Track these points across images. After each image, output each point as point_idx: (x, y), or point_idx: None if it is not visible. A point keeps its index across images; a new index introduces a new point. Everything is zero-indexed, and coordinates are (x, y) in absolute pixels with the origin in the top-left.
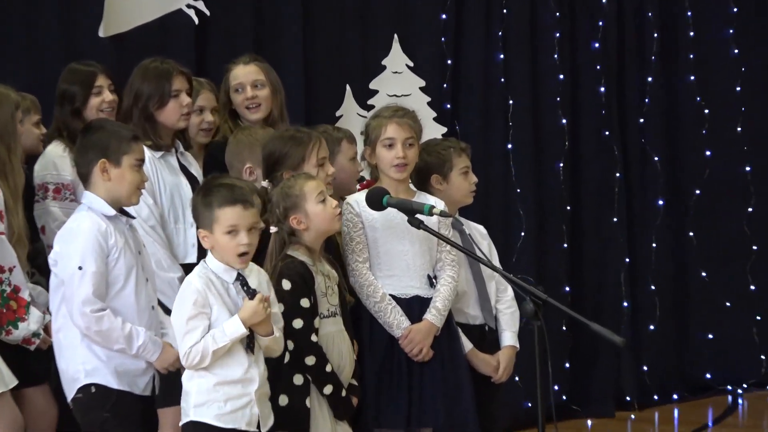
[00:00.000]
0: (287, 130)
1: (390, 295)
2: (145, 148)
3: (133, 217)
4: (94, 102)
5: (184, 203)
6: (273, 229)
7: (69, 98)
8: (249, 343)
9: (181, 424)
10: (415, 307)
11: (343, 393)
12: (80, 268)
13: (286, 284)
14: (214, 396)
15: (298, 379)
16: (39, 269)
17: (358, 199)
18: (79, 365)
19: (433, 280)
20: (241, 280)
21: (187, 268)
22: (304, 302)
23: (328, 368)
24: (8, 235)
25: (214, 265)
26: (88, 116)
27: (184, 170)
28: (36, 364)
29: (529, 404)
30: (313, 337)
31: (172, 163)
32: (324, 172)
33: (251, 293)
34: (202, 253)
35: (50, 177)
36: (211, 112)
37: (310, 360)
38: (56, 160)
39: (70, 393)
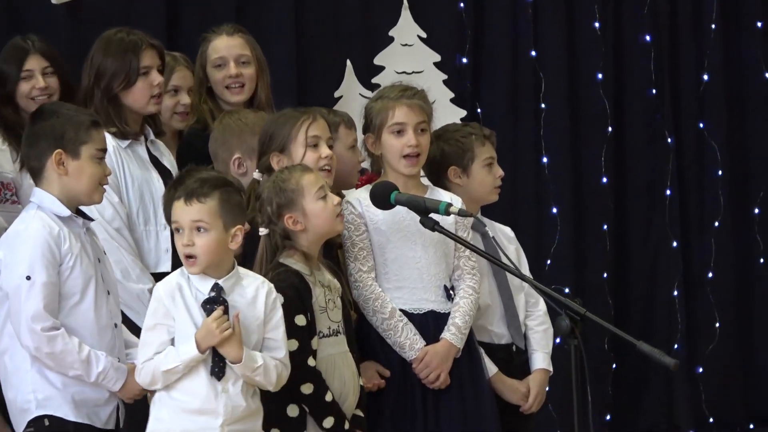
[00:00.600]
0: (285, 109)
1: (400, 310)
2: (109, 137)
3: (92, 219)
4: (23, 88)
5: (155, 201)
6: (263, 231)
7: (2, 80)
8: (215, 367)
9: None
10: (430, 324)
11: (347, 426)
12: (28, 278)
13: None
14: (171, 426)
15: (292, 411)
16: None
17: (360, 197)
18: (30, 394)
19: (451, 292)
20: (216, 290)
21: (160, 278)
22: (299, 320)
23: (328, 397)
24: None
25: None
26: (21, 105)
27: (156, 162)
28: None
29: None
30: (310, 361)
31: (141, 154)
32: (316, 153)
33: (209, 309)
34: (176, 260)
35: None
36: (187, 92)
37: (306, 388)
38: None
39: (19, 427)
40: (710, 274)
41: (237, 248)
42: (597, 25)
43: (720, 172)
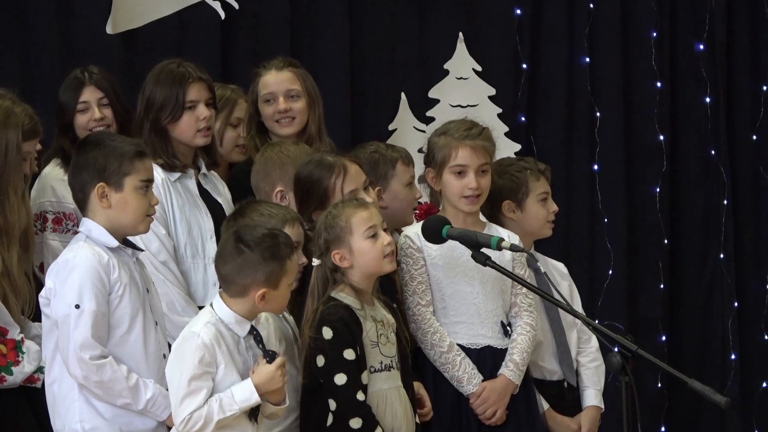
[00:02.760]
0: (316, 154)
1: (457, 344)
2: (158, 169)
3: (141, 250)
4: (80, 120)
5: (203, 235)
6: (316, 262)
7: (61, 112)
8: (254, 411)
9: None
10: (486, 360)
11: None
12: (77, 306)
13: (327, 332)
14: None
15: None
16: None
17: (418, 231)
18: (77, 424)
19: (508, 329)
20: (255, 335)
21: None
22: (348, 354)
23: None
24: None
25: (226, 314)
26: (79, 136)
27: (206, 196)
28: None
29: None
30: (360, 396)
31: (191, 188)
32: None
33: (270, 355)
34: None
35: (48, 205)
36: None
37: (355, 423)
38: (55, 185)
39: None
40: (765, 311)
41: None
42: (653, 60)
43: None
